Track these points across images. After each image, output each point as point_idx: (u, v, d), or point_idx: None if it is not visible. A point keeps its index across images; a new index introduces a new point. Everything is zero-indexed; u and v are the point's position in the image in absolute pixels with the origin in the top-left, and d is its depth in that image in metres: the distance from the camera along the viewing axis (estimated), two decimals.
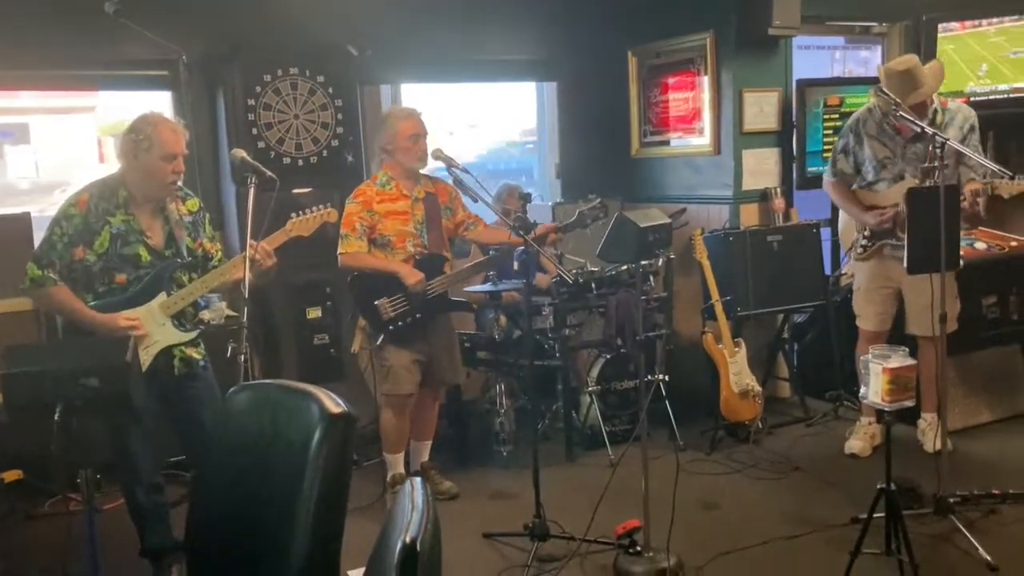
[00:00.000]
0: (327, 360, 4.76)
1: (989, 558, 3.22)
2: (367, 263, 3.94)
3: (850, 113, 4.59)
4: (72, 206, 3.13)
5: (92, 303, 3.13)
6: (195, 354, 3.31)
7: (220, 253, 3.44)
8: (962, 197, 3.81)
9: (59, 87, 4.89)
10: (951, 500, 3.45)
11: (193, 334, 3.30)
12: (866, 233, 4.25)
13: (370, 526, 2.06)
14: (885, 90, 3.76)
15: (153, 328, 3.17)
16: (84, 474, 3.01)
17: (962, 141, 3.97)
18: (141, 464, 3.24)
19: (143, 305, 3.17)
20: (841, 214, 4.53)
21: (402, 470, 4.14)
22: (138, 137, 3.12)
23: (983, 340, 4.73)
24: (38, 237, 4.42)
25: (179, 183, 3.23)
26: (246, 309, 3.02)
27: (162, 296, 3.19)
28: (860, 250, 4.30)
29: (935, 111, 4.02)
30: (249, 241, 3.11)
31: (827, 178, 4.44)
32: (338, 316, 4.77)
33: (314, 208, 3.44)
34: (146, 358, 3.16)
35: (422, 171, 4.05)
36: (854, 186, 4.31)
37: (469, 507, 4.07)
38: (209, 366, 3.39)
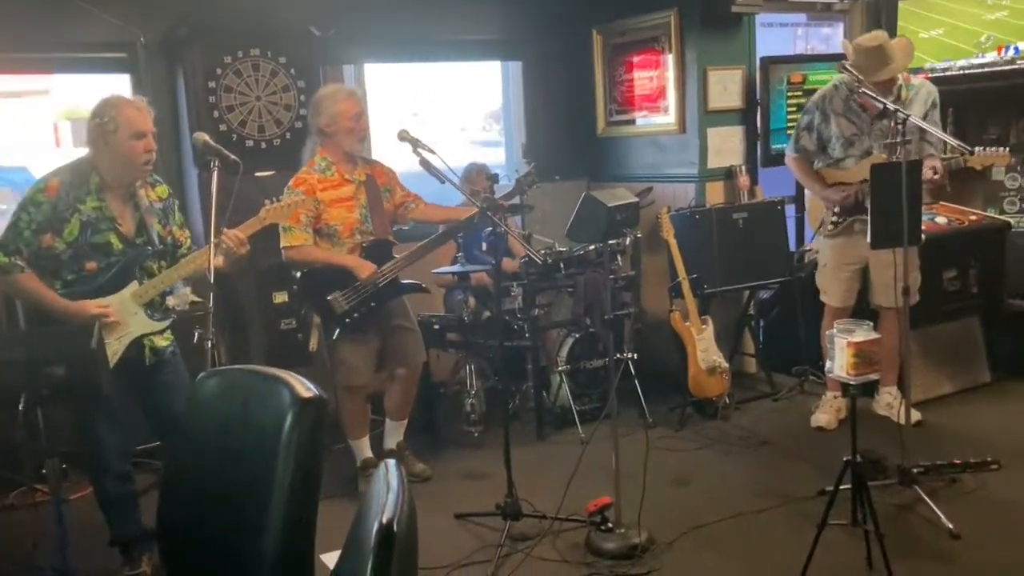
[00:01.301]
0: (294, 345, 4.71)
1: (951, 526, 3.30)
2: (315, 257, 3.84)
3: (813, 90, 4.62)
4: (40, 192, 3.05)
5: (61, 291, 3.08)
6: (162, 342, 3.27)
7: (189, 240, 3.40)
8: (933, 172, 3.86)
9: (13, 70, 4.76)
10: (914, 471, 3.52)
11: (165, 323, 3.26)
12: (836, 210, 4.27)
13: (342, 510, 2.06)
14: (848, 66, 3.79)
15: (126, 317, 3.13)
16: (50, 464, 2.98)
17: (924, 116, 4.02)
18: (110, 453, 3.19)
19: (114, 294, 3.12)
20: (807, 192, 4.56)
21: (370, 454, 4.12)
22: (103, 120, 3.06)
23: (943, 313, 4.82)
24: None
25: (151, 164, 3.15)
26: (212, 295, 2.99)
27: (134, 285, 3.14)
28: (830, 227, 4.32)
29: (900, 87, 4.06)
30: (216, 229, 3.06)
31: (789, 154, 4.47)
32: None
33: (287, 194, 3.40)
34: (118, 348, 3.12)
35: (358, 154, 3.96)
36: (820, 164, 4.33)
37: (441, 488, 4.08)
38: (178, 352, 3.35)
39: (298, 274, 3.97)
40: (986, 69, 5.41)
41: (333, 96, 3.89)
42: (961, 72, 5.50)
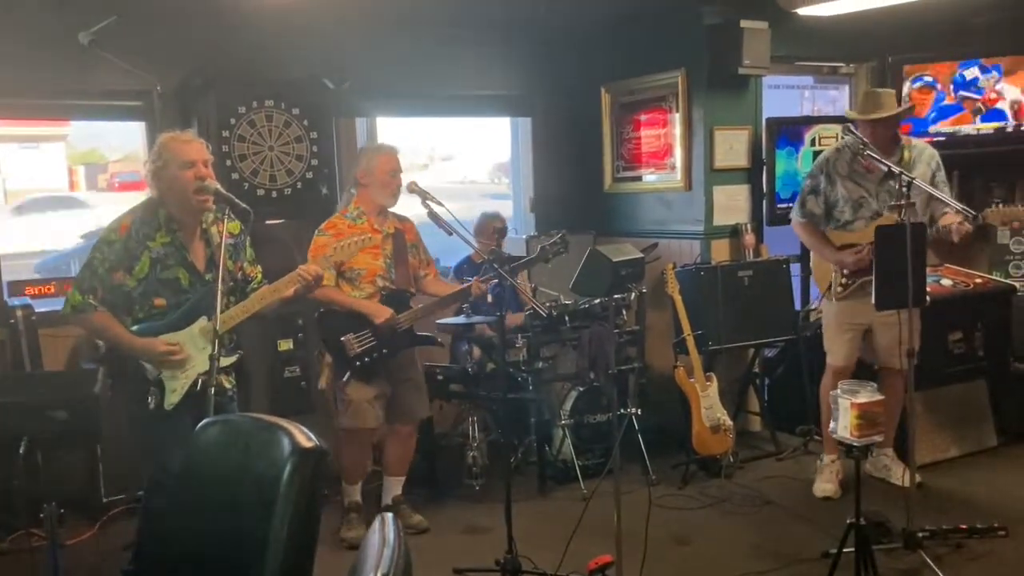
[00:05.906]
0: (298, 392, 4.72)
1: None
2: (333, 298, 3.93)
3: (820, 151, 4.66)
4: (113, 231, 3.12)
5: (133, 327, 3.11)
6: (226, 383, 3.28)
7: (260, 275, 3.43)
8: (947, 228, 3.85)
9: (33, 116, 4.87)
10: (920, 535, 3.47)
11: (233, 358, 3.28)
12: (845, 272, 4.20)
13: (340, 561, 2.04)
14: (853, 129, 3.83)
15: (194, 352, 3.14)
16: (48, 508, 2.96)
17: (932, 177, 4.05)
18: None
19: (184, 329, 3.14)
20: (813, 254, 4.53)
21: (359, 498, 4.15)
22: (153, 159, 3.15)
23: (949, 376, 4.79)
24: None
25: (208, 194, 3.12)
26: (217, 342, 3.00)
27: (202, 320, 3.16)
28: (840, 289, 4.22)
29: (903, 148, 4.08)
30: (223, 274, 3.08)
31: (796, 218, 4.38)
32: (309, 348, 4.75)
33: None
34: (185, 381, 3.13)
35: (391, 208, 4.08)
36: (827, 227, 4.27)
37: (440, 542, 4.04)
38: (236, 397, 3.36)
39: (316, 313, 4.03)
40: (991, 133, 5.47)
41: (375, 150, 4.13)
42: (966, 136, 5.56)
